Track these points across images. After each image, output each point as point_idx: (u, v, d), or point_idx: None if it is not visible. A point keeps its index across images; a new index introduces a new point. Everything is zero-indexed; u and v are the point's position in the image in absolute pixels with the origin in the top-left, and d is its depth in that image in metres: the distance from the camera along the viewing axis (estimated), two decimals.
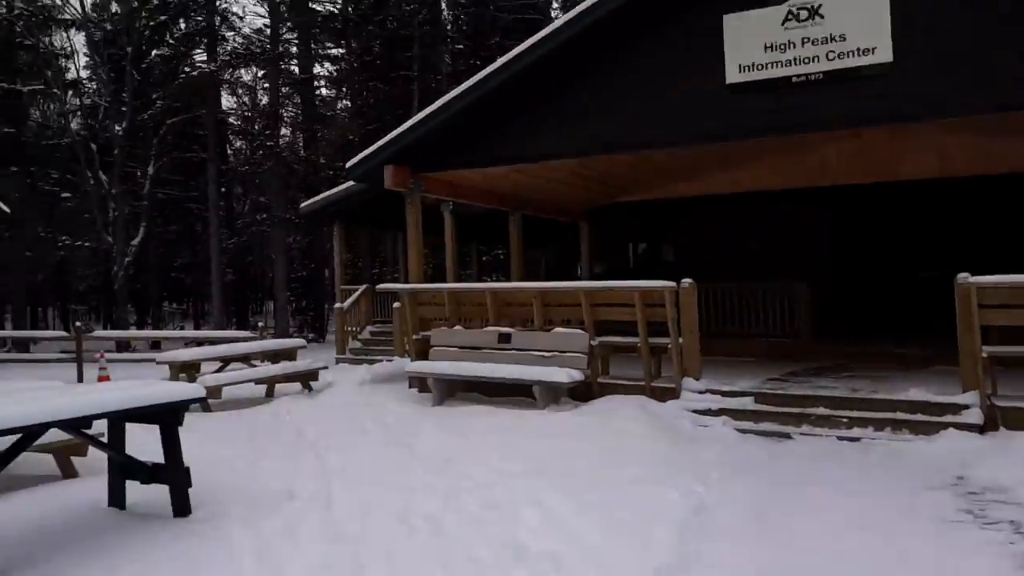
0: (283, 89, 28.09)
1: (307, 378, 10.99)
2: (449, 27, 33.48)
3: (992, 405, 6.74)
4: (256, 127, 30.79)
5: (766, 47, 7.89)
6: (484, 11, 30.83)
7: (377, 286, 14.24)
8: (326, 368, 11.46)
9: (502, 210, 12.84)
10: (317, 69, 30.66)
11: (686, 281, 8.36)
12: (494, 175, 10.69)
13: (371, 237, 29.00)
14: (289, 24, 26.32)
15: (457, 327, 9.90)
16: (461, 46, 32.85)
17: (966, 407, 6.77)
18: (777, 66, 7.85)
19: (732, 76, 8.05)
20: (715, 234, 14.40)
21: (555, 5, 34.12)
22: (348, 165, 10.68)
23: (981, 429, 6.59)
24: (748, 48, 7.98)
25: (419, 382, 9.85)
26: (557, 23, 8.96)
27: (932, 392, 7.14)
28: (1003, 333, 7.14)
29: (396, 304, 12.08)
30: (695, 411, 7.73)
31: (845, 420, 7.09)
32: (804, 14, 7.71)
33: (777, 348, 11.26)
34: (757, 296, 12.07)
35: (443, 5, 32.40)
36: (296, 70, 28.14)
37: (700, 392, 8.09)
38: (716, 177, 13.07)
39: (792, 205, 13.33)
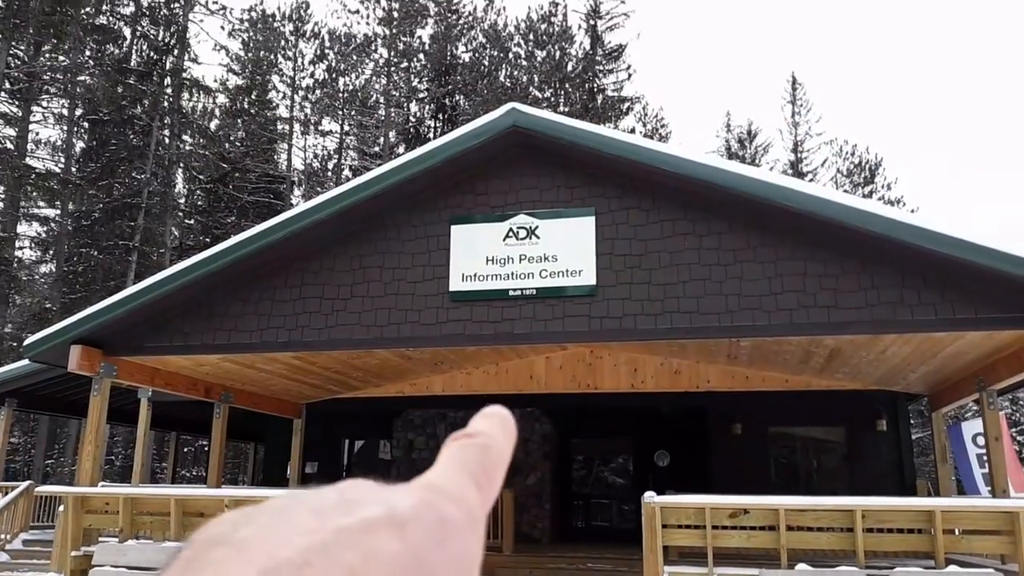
0: None
1: None
2: (183, 200, 32.64)
3: None
4: None
5: (488, 260, 8.34)
6: (222, 188, 30.55)
7: (36, 488, 12.15)
8: None
9: (208, 401, 11.94)
10: (22, 228, 28.09)
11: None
12: (206, 363, 9.90)
13: (52, 422, 25.92)
14: None
15: (131, 542, 8.49)
16: (192, 221, 31.96)
17: None
18: (496, 279, 8.28)
19: (455, 284, 8.30)
20: (433, 433, 14.21)
21: (296, 193, 34.74)
22: (27, 343, 9.28)
23: None
24: (471, 259, 8.32)
25: None
26: (287, 214, 8.89)
27: None
28: (682, 553, 7.59)
29: (61, 508, 9.54)
30: None
31: None
32: (523, 233, 8.33)
33: None
34: None
35: (179, 178, 31.68)
36: None
37: None
38: (435, 378, 13.20)
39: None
